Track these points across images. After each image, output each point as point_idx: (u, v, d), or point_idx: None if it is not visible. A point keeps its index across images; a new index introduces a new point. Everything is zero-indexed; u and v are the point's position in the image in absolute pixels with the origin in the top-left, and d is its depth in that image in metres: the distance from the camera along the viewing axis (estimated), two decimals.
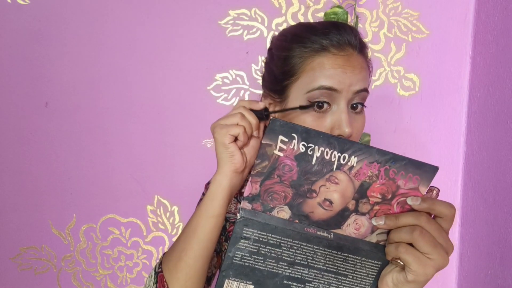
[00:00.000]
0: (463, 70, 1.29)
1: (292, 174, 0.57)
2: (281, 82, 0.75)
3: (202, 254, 0.67)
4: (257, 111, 0.69)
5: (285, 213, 0.60)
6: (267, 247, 0.60)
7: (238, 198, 0.84)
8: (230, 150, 0.65)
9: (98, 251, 1.31)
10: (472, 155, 1.28)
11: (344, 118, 0.70)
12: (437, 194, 0.60)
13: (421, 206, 0.57)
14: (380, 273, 0.63)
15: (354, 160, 0.56)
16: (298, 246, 0.61)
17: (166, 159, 1.29)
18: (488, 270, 1.17)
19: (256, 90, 1.28)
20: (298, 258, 0.61)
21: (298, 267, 0.62)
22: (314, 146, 0.56)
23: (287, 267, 0.61)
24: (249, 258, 0.60)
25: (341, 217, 0.60)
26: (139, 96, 1.27)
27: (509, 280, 1.09)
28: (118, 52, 1.25)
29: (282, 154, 0.56)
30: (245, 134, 0.65)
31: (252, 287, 0.62)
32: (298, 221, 0.60)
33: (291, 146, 0.56)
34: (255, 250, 0.60)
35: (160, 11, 1.25)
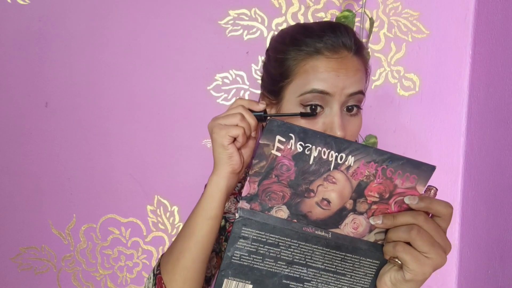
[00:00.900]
0: (463, 70, 1.29)
1: (290, 174, 0.57)
2: (276, 84, 0.75)
3: (200, 255, 0.67)
4: (256, 113, 0.69)
5: (283, 212, 0.60)
6: (266, 247, 0.60)
7: (237, 198, 0.84)
8: (229, 152, 0.65)
9: (98, 251, 1.31)
10: (472, 155, 1.27)
11: (336, 121, 0.70)
12: (435, 194, 0.60)
13: (418, 205, 0.57)
14: (378, 272, 0.63)
15: (351, 159, 0.56)
16: (297, 245, 0.61)
17: (166, 159, 1.29)
18: (488, 270, 1.17)
19: (256, 90, 1.28)
20: (297, 257, 0.61)
21: (297, 267, 0.62)
22: (311, 146, 0.56)
23: (286, 267, 0.61)
24: (247, 257, 0.61)
25: (339, 216, 0.60)
26: (139, 96, 1.27)
27: (509, 280, 1.08)
28: (118, 52, 1.25)
29: (279, 154, 0.56)
30: (244, 136, 0.65)
31: (251, 287, 0.62)
32: (296, 220, 0.60)
33: (289, 146, 0.56)
34: (254, 250, 0.60)
35: (160, 11, 1.25)
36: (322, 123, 0.71)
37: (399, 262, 0.58)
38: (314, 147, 0.56)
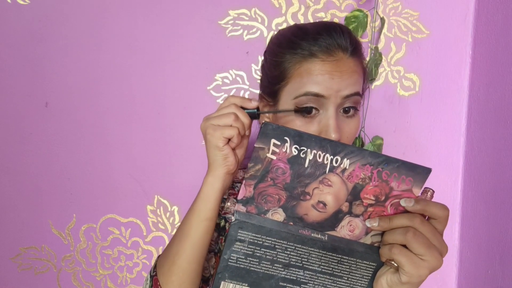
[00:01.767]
0: (463, 70, 1.29)
1: (285, 177, 0.58)
2: (273, 86, 0.76)
3: (195, 257, 0.67)
4: (249, 110, 0.69)
5: (279, 215, 0.60)
6: (262, 249, 0.60)
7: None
8: (224, 153, 0.65)
9: (98, 251, 1.31)
10: (472, 155, 1.27)
11: (331, 123, 0.70)
12: (431, 196, 0.60)
13: (414, 207, 0.57)
14: (375, 274, 0.63)
15: (346, 162, 0.57)
16: (293, 248, 0.61)
17: (166, 159, 1.29)
18: (488, 270, 1.17)
19: (256, 90, 1.28)
20: (293, 260, 0.61)
21: (293, 269, 0.62)
22: (306, 149, 0.56)
23: (282, 269, 0.62)
24: (244, 260, 0.61)
25: (335, 219, 0.60)
26: (139, 96, 1.27)
27: (509, 280, 1.08)
28: (118, 52, 1.25)
29: (275, 157, 0.56)
30: (239, 136, 0.65)
31: None
32: (292, 223, 0.60)
33: (284, 149, 0.56)
34: (250, 252, 0.60)
35: (160, 11, 1.25)
36: (317, 125, 0.71)
37: (395, 265, 0.58)
38: (309, 150, 0.56)
